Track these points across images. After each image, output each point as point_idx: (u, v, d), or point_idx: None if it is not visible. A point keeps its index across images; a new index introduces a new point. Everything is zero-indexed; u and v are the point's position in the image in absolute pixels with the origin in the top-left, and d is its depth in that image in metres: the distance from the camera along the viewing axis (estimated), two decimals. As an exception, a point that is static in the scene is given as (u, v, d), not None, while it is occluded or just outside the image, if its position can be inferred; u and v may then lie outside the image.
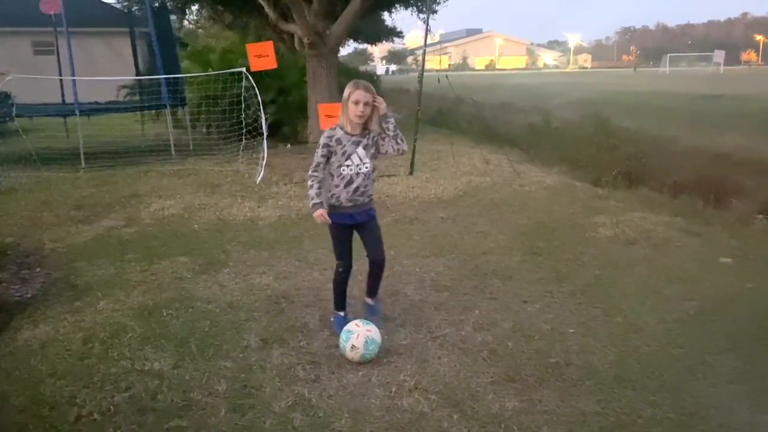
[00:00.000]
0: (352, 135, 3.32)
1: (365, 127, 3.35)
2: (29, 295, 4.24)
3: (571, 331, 3.58)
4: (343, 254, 3.51)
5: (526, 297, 4.12)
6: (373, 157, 3.39)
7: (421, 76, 8.77)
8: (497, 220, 6.11)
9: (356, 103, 3.24)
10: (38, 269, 4.83)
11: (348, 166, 3.32)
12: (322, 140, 3.34)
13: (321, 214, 3.27)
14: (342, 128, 3.34)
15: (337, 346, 3.30)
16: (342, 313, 3.66)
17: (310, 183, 3.33)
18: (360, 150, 3.33)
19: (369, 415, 2.74)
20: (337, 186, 3.35)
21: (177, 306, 3.96)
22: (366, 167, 3.35)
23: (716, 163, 9.97)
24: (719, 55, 29.28)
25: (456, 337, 3.52)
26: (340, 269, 3.54)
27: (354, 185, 3.34)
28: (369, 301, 3.75)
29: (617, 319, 3.74)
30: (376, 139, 3.39)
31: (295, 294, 4.21)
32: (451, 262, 4.87)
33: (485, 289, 4.28)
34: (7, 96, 10.82)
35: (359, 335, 3.19)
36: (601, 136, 11.08)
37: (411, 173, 8.52)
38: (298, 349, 3.38)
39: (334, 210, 3.37)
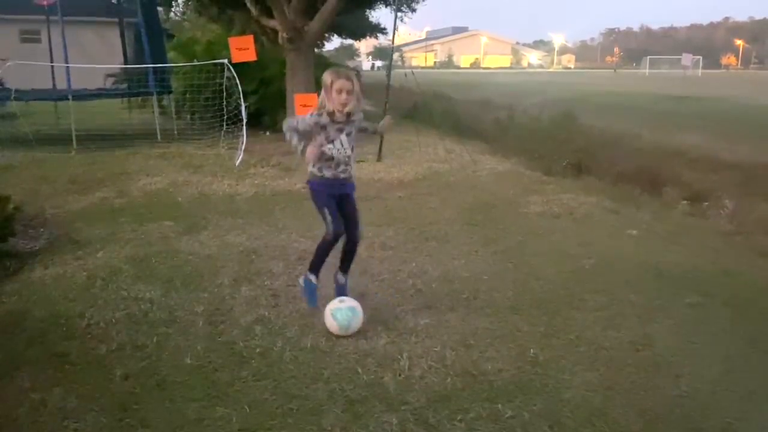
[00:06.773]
0: (337, 122, 3.50)
1: (348, 114, 3.51)
2: (37, 247, 5.01)
3: (485, 277, 4.44)
4: (336, 218, 3.54)
5: (456, 255, 4.97)
6: (352, 144, 3.59)
7: (388, 72, 9.62)
8: (447, 199, 6.96)
9: (339, 92, 3.42)
10: (42, 229, 5.58)
11: (330, 148, 3.50)
12: (310, 119, 3.49)
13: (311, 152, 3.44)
14: (329, 115, 3.47)
15: (295, 285, 4.10)
16: (313, 278, 3.76)
17: (289, 136, 3.50)
18: (343, 137, 3.51)
19: (314, 327, 3.56)
20: (319, 159, 3.51)
21: (164, 256, 4.77)
22: (347, 152, 3.54)
23: (670, 160, 10.90)
24: (687, 59, 30.43)
25: (392, 281, 4.36)
26: (330, 237, 3.55)
27: (335, 162, 3.53)
28: (340, 279, 3.83)
29: (524, 270, 4.60)
30: (357, 127, 3.61)
31: (263, 250, 5.02)
32: (400, 230, 5.70)
33: (423, 250, 5.12)
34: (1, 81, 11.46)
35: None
36: (559, 131, 11.99)
37: (379, 160, 9.34)
38: (263, 287, 4.19)
39: (320, 179, 3.57)
